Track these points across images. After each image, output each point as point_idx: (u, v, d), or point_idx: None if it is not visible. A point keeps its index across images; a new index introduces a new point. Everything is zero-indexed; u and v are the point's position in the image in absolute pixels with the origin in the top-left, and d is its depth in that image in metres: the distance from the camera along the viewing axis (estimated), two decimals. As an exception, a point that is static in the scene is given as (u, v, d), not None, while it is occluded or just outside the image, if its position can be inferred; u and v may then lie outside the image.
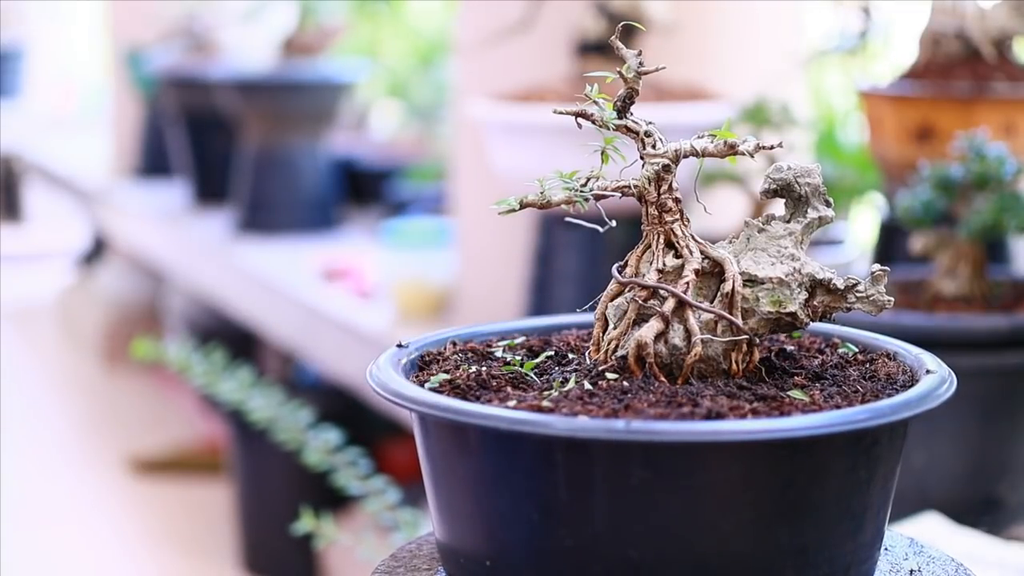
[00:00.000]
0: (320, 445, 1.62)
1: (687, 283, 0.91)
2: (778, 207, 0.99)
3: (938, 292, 1.64)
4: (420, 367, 0.96)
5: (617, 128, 0.93)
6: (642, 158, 0.93)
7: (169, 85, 3.96)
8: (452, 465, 0.88)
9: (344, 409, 2.86)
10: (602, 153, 0.92)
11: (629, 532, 0.82)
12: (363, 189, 3.84)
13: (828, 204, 0.96)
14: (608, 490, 0.82)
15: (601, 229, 0.95)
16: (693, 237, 0.93)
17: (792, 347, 0.98)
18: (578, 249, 2.22)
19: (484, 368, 0.94)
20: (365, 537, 1.58)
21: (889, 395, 0.89)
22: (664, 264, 0.92)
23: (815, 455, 0.83)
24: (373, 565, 0.97)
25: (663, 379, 0.90)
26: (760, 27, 2.59)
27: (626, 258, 0.95)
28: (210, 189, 3.94)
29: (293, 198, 3.52)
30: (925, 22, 1.90)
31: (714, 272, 0.93)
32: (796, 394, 0.88)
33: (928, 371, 0.91)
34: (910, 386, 0.90)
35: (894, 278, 1.64)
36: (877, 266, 0.94)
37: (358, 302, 2.85)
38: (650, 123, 0.94)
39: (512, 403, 0.86)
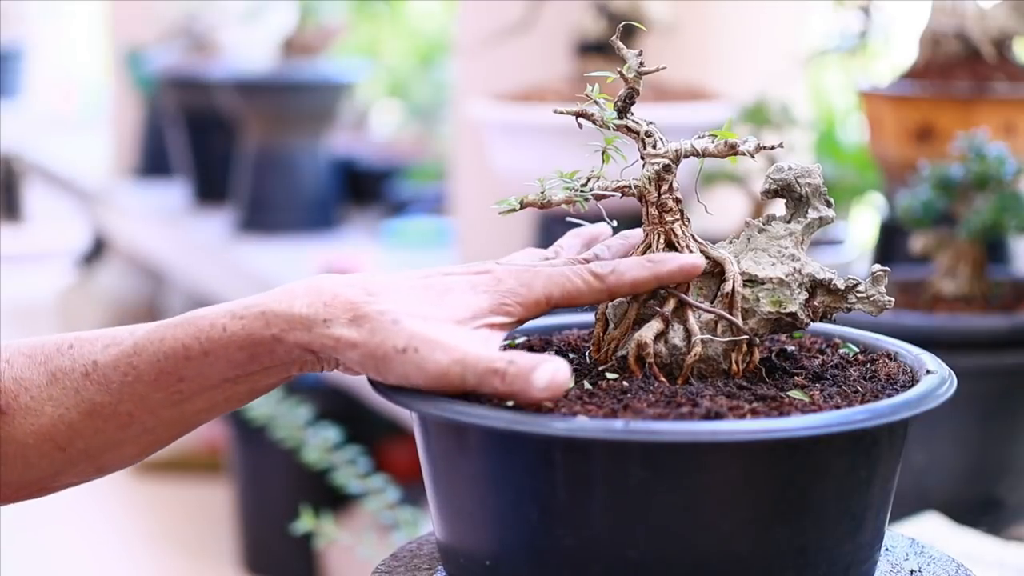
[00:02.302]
0: (319, 443, 1.62)
1: (687, 283, 0.91)
2: (778, 207, 0.99)
3: (938, 292, 1.64)
4: (420, 367, 0.96)
5: (617, 128, 0.93)
6: (642, 158, 0.93)
7: (169, 85, 3.96)
8: (452, 465, 0.88)
9: (344, 408, 2.86)
10: (602, 153, 0.92)
11: (628, 532, 0.82)
12: (363, 189, 3.84)
13: (828, 204, 0.96)
14: (607, 490, 0.82)
15: (601, 229, 0.95)
16: (693, 237, 0.93)
17: (793, 347, 0.98)
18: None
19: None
20: (365, 536, 1.58)
21: (889, 395, 0.89)
22: (664, 264, 0.92)
23: (815, 455, 0.83)
24: (373, 564, 0.97)
25: (663, 379, 0.90)
26: (760, 27, 2.59)
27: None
28: (210, 189, 3.93)
29: (293, 198, 3.51)
30: (925, 22, 1.90)
31: (714, 272, 0.93)
32: (796, 394, 0.88)
33: (928, 371, 0.91)
34: (910, 386, 0.90)
35: (894, 278, 1.64)
36: (877, 266, 0.94)
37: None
38: (651, 123, 0.94)
39: (511, 403, 0.86)
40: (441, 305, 0.88)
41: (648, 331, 0.90)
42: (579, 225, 0.97)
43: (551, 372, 0.84)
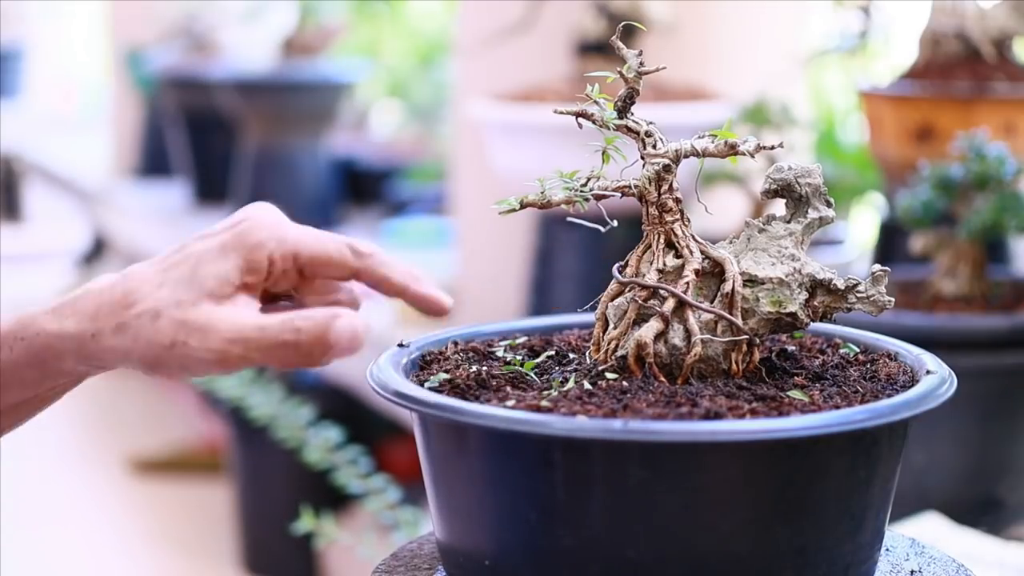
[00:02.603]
0: (320, 443, 1.62)
1: (687, 283, 0.91)
2: (778, 207, 0.99)
3: (938, 292, 1.64)
4: (421, 367, 0.96)
5: (617, 128, 0.93)
6: (642, 158, 0.93)
7: (169, 85, 3.96)
8: (452, 465, 0.88)
9: (344, 408, 2.86)
10: (603, 153, 0.92)
11: (627, 532, 0.82)
12: (363, 189, 3.84)
13: (828, 204, 0.96)
14: (606, 490, 0.82)
15: (602, 229, 0.95)
16: (693, 237, 0.93)
17: (793, 347, 0.98)
18: (578, 249, 2.22)
19: (484, 368, 0.94)
20: (365, 536, 1.58)
21: (889, 395, 0.89)
22: (664, 264, 0.93)
23: (814, 455, 0.83)
24: (373, 564, 0.97)
25: (663, 379, 0.90)
26: (760, 27, 2.59)
27: (626, 258, 0.95)
28: (210, 189, 3.94)
29: (293, 198, 3.51)
30: (925, 22, 1.90)
31: (714, 272, 0.93)
32: (795, 394, 0.88)
33: (928, 371, 0.91)
34: (910, 386, 0.90)
35: (894, 278, 1.64)
36: (878, 266, 0.94)
37: (358, 302, 2.84)
38: (651, 123, 0.94)
39: (511, 403, 0.86)
40: (193, 282, 0.85)
41: (648, 331, 0.90)
42: (579, 225, 0.97)
43: (349, 328, 0.83)
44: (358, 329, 0.83)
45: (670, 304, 0.91)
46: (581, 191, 0.92)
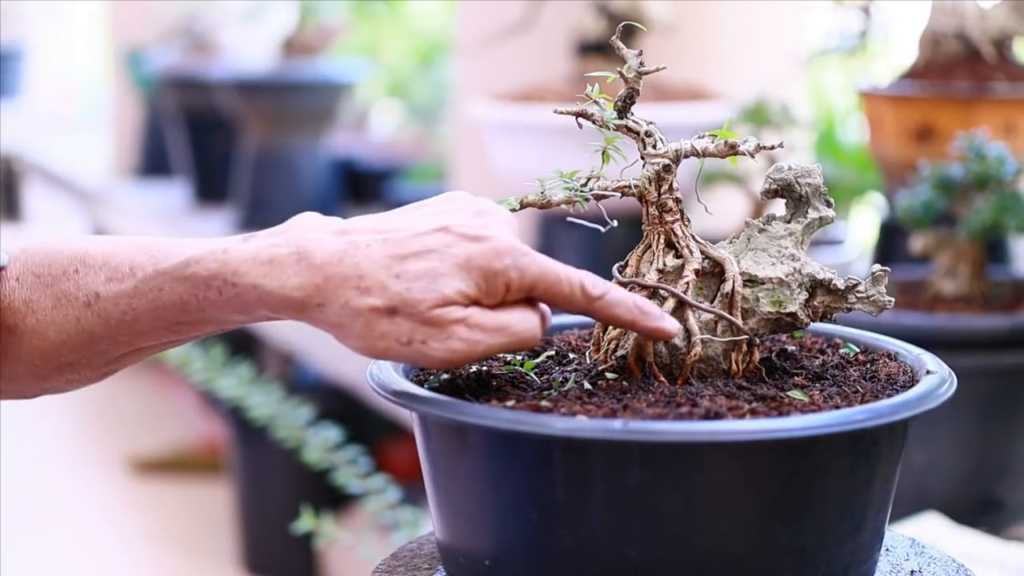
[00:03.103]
0: (320, 443, 1.62)
1: (687, 283, 0.91)
2: (778, 207, 0.99)
3: (938, 292, 1.64)
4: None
5: (617, 128, 0.93)
6: (642, 158, 0.93)
7: (169, 85, 3.96)
8: (452, 465, 0.88)
9: (344, 408, 2.86)
10: (602, 153, 0.92)
11: (627, 532, 0.82)
12: (363, 189, 3.84)
13: (828, 204, 0.96)
14: (606, 490, 0.82)
15: (602, 229, 0.95)
16: (693, 237, 0.93)
17: (793, 347, 0.98)
18: (578, 249, 2.22)
19: (484, 368, 0.94)
20: (365, 536, 1.58)
21: (889, 395, 0.89)
22: (664, 264, 0.93)
23: (814, 455, 0.83)
24: (373, 564, 0.97)
25: (663, 379, 0.90)
26: (760, 27, 2.59)
27: (626, 258, 0.95)
28: (210, 189, 3.93)
29: (293, 198, 3.51)
30: (925, 22, 1.90)
31: (714, 272, 0.93)
32: (795, 394, 0.88)
33: (928, 371, 0.91)
34: (910, 386, 0.90)
35: (894, 278, 1.64)
36: (878, 266, 0.94)
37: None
38: (651, 123, 0.94)
39: (511, 403, 0.86)
40: (432, 288, 0.86)
41: (648, 331, 0.90)
42: (579, 225, 0.97)
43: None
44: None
45: (670, 304, 0.91)
46: (581, 191, 0.92)
